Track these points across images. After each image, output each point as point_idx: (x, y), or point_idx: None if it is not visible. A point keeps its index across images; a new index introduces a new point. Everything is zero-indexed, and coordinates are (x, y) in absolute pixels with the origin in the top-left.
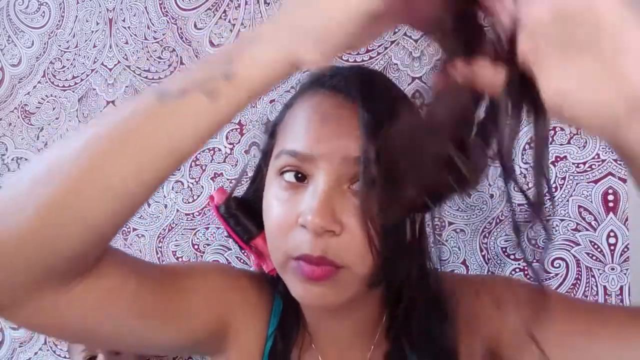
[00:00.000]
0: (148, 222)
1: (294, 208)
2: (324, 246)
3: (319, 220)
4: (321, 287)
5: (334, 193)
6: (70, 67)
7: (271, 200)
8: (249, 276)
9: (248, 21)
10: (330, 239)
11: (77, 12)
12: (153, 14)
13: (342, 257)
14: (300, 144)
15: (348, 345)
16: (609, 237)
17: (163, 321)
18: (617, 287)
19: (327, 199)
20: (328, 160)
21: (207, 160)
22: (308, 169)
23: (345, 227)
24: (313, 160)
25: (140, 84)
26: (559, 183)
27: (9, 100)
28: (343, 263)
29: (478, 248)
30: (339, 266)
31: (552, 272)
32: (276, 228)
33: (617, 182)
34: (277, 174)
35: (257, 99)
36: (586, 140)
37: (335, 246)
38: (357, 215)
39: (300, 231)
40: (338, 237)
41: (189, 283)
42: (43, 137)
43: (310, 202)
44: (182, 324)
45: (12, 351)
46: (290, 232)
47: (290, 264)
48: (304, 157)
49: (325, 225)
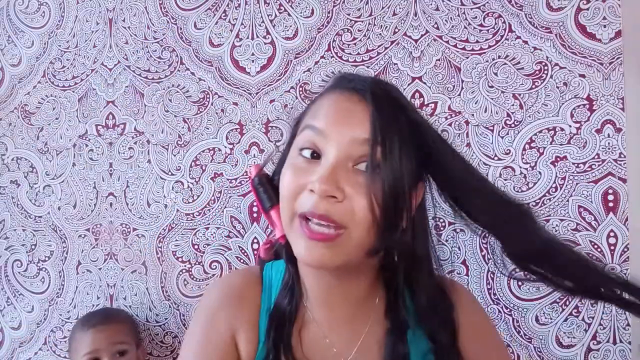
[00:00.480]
0: (148, 222)
1: (305, 177)
2: (327, 207)
3: (325, 186)
4: (322, 247)
5: (341, 168)
6: (70, 67)
7: (287, 170)
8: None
9: (248, 21)
10: (333, 204)
11: (77, 12)
12: (153, 14)
13: (343, 219)
14: (320, 122)
15: (347, 320)
16: (609, 237)
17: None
18: None
19: (334, 171)
20: (339, 139)
21: (207, 160)
22: (322, 146)
23: (347, 196)
24: (328, 137)
25: (140, 84)
26: (559, 183)
27: (9, 100)
28: (343, 223)
29: (478, 248)
30: (339, 226)
31: None
32: (288, 191)
33: (617, 182)
34: (298, 151)
35: None
36: (586, 141)
37: (337, 209)
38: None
39: (308, 194)
40: (340, 203)
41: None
42: (43, 137)
43: (320, 171)
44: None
45: (12, 351)
46: (299, 195)
47: (296, 222)
48: (321, 133)
49: (330, 190)
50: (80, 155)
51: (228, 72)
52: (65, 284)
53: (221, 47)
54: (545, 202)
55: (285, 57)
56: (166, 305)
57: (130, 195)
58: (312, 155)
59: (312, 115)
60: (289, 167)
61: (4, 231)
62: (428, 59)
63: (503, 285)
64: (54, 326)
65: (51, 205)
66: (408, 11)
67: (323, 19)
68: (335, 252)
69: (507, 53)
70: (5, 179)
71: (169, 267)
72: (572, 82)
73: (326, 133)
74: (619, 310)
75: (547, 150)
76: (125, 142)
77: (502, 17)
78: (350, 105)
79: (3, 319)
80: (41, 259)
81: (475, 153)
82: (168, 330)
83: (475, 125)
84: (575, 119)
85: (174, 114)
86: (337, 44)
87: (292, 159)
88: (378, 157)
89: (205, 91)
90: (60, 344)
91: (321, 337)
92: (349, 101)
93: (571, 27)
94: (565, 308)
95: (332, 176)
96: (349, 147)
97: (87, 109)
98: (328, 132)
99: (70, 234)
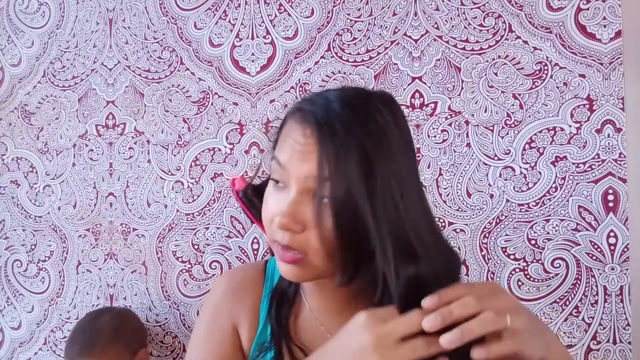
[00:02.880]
0: (148, 222)
1: (273, 208)
2: (289, 238)
3: (285, 220)
4: (291, 267)
5: (301, 201)
6: (70, 67)
7: (267, 197)
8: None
9: (248, 21)
10: (294, 235)
11: (77, 12)
12: (153, 14)
13: (303, 248)
14: (282, 156)
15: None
16: (609, 237)
17: None
18: (617, 287)
19: (294, 206)
20: (297, 174)
21: (207, 160)
22: (285, 178)
23: (307, 227)
24: (288, 171)
25: (140, 84)
26: (559, 183)
27: (9, 100)
28: (303, 252)
29: (478, 248)
30: (301, 253)
31: (552, 272)
32: (264, 219)
33: (617, 182)
34: (271, 179)
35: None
36: (586, 141)
37: (297, 240)
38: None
39: (274, 225)
40: (301, 234)
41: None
42: (43, 137)
43: (282, 207)
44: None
45: (12, 351)
46: (270, 224)
47: (274, 245)
48: (284, 167)
49: (287, 224)
50: (80, 155)
51: (228, 72)
52: (65, 284)
53: (221, 47)
54: (545, 202)
55: (285, 57)
56: (166, 305)
57: (130, 195)
58: (280, 182)
59: (279, 146)
60: (267, 195)
61: (4, 231)
62: (428, 59)
63: (503, 285)
64: (54, 326)
65: (51, 205)
66: (408, 11)
67: (323, 19)
68: (304, 270)
69: (507, 53)
70: (5, 179)
71: (169, 267)
72: (572, 82)
73: (286, 168)
74: (619, 310)
75: (547, 150)
76: (125, 142)
77: (502, 17)
78: (303, 139)
79: (3, 319)
80: (41, 259)
81: (475, 153)
82: (168, 330)
83: (475, 125)
84: (575, 119)
85: (174, 114)
86: (337, 44)
87: (269, 187)
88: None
89: (205, 91)
90: (60, 344)
91: (317, 325)
92: (303, 135)
93: (571, 27)
94: (565, 308)
95: (291, 211)
96: (305, 182)
97: (87, 109)
98: (288, 167)
99: (70, 234)
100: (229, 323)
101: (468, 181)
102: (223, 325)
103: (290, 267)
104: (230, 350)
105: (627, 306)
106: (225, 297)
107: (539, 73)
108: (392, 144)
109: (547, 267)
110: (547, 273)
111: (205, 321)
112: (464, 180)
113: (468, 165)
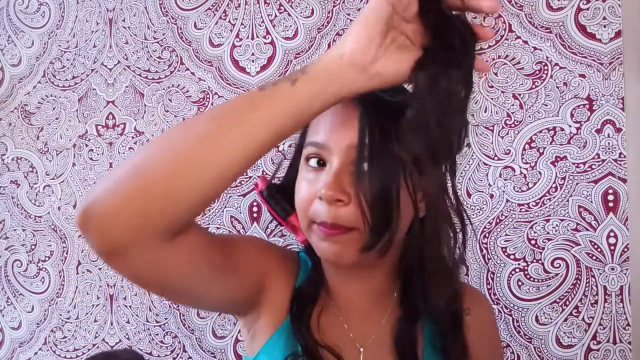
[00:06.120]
0: None
1: (315, 186)
2: (335, 214)
3: (331, 192)
4: (337, 244)
5: (344, 172)
6: (70, 67)
7: (301, 182)
8: (280, 249)
9: (248, 21)
10: (340, 208)
11: (77, 12)
12: (153, 14)
13: (351, 221)
14: (319, 136)
15: (365, 310)
16: (609, 237)
17: (225, 275)
18: (617, 287)
19: (337, 176)
20: (337, 147)
21: None
22: (326, 155)
23: (352, 198)
24: (328, 148)
25: (140, 84)
26: (559, 183)
27: (9, 100)
28: (351, 225)
29: (478, 248)
30: (348, 228)
31: (552, 272)
32: (302, 202)
33: (617, 182)
34: (305, 162)
35: (319, 90)
36: (586, 141)
37: (344, 213)
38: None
39: (318, 202)
40: (347, 205)
41: (240, 247)
42: (43, 137)
43: (325, 179)
44: (237, 279)
45: (12, 351)
46: (310, 204)
47: (313, 227)
48: (322, 146)
49: (334, 195)
50: (80, 155)
51: (228, 72)
52: (65, 284)
53: (221, 47)
54: (545, 202)
55: (285, 57)
56: (166, 305)
57: None
58: (319, 163)
59: (313, 130)
60: (301, 180)
61: (4, 231)
62: None
63: (503, 285)
64: (54, 326)
65: (51, 205)
66: None
67: (323, 19)
68: (348, 249)
69: (507, 53)
70: (5, 179)
71: None
72: (572, 82)
73: (326, 145)
74: (619, 310)
75: (547, 150)
76: (125, 142)
77: (502, 17)
78: (344, 112)
79: (3, 319)
80: (41, 259)
81: (476, 153)
82: (168, 330)
83: (475, 125)
84: (575, 119)
85: (174, 114)
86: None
87: (302, 171)
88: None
89: (205, 91)
90: (60, 344)
91: (340, 322)
92: (345, 107)
93: (571, 27)
94: (565, 308)
95: (336, 181)
96: (348, 153)
97: (87, 109)
98: (328, 143)
99: (70, 234)
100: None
101: (468, 181)
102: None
103: (335, 246)
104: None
105: (627, 306)
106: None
107: (539, 73)
108: None
109: (547, 267)
110: (547, 273)
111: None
112: (464, 180)
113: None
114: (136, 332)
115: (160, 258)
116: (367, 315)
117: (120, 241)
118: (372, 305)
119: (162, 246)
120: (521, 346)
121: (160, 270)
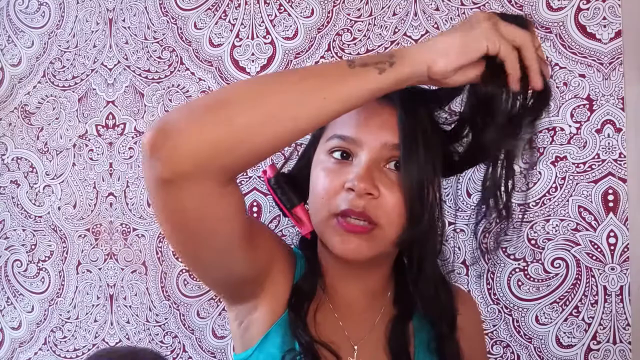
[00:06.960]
0: (148, 222)
1: (339, 178)
2: (364, 204)
3: (364, 184)
4: (358, 239)
5: (374, 168)
6: (70, 67)
7: (320, 172)
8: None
9: (248, 21)
10: (370, 201)
11: (77, 12)
12: (153, 14)
13: (378, 216)
14: (350, 130)
15: (361, 308)
16: (609, 237)
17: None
18: (617, 287)
19: (369, 170)
20: (371, 144)
21: None
22: (353, 149)
23: (381, 194)
24: (359, 143)
25: (140, 84)
26: (559, 183)
27: (9, 100)
28: (377, 220)
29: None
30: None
31: (552, 272)
32: (324, 192)
33: (617, 182)
34: (327, 153)
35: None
36: (586, 141)
37: (373, 205)
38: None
39: (344, 194)
40: (376, 199)
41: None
42: (43, 137)
43: (356, 171)
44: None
45: (12, 351)
46: (335, 195)
47: (332, 221)
48: (353, 140)
49: (368, 188)
50: (80, 155)
51: (228, 72)
52: (65, 284)
53: (221, 47)
54: (545, 202)
55: (286, 57)
56: (166, 305)
57: (131, 196)
58: (342, 155)
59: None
60: (322, 170)
61: (4, 231)
62: None
63: (503, 285)
64: (54, 326)
65: (51, 205)
66: (408, 11)
67: (323, 19)
68: (369, 245)
69: None
70: (5, 179)
71: (169, 267)
72: (572, 82)
73: (357, 139)
74: (619, 310)
75: (547, 150)
76: (125, 142)
77: None
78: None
79: (3, 319)
80: (41, 259)
81: None
82: (168, 330)
83: None
84: (575, 119)
85: None
86: (337, 44)
87: (323, 162)
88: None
89: (205, 91)
90: (60, 344)
91: (335, 320)
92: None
93: (571, 27)
94: (565, 308)
95: (368, 175)
96: (380, 150)
97: (87, 109)
98: (359, 137)
99: (70, 234)
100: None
101: (468, 181)
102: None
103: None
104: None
105: (627, 306)
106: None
107: None
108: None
109: (547, 267)
110: (547, 273)
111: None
112: (464, 180)
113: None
114: (136, 332)
115: (209, 201)
116: (361, 313)
117: (186, 169)
118: (367, 303)
119: (217, 190)
120: (521, 346)
121: (202, 213)
